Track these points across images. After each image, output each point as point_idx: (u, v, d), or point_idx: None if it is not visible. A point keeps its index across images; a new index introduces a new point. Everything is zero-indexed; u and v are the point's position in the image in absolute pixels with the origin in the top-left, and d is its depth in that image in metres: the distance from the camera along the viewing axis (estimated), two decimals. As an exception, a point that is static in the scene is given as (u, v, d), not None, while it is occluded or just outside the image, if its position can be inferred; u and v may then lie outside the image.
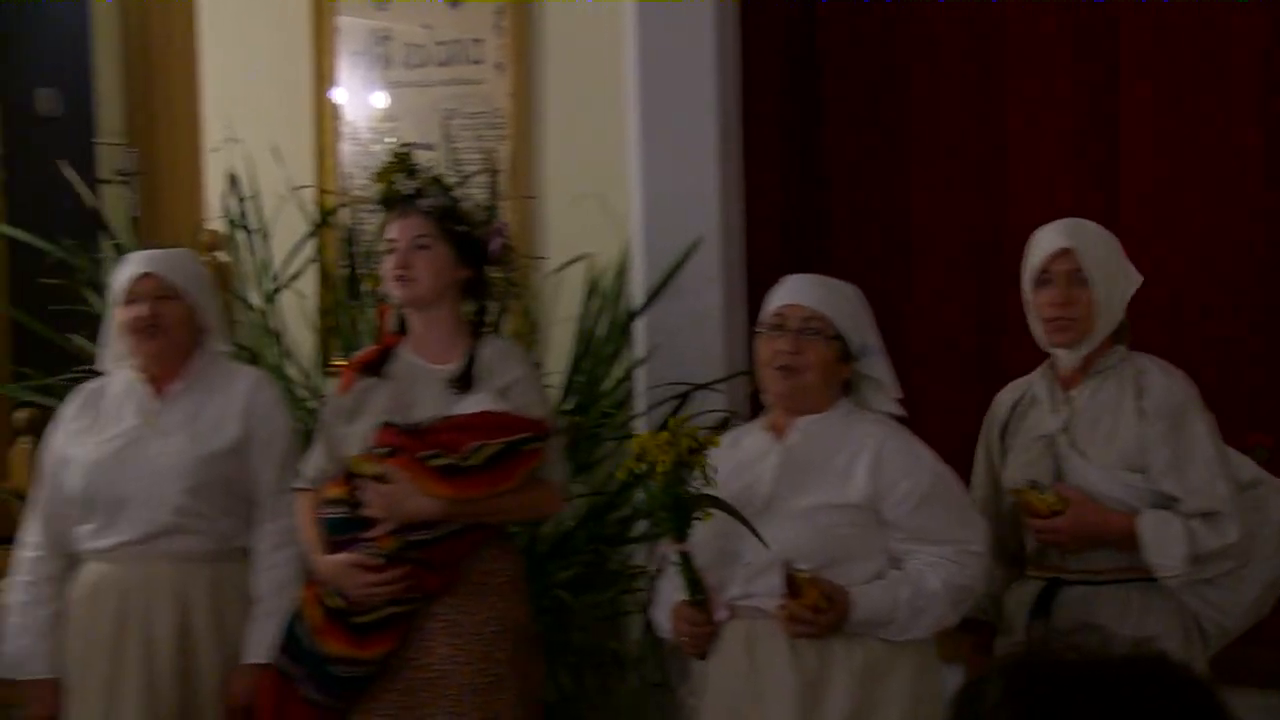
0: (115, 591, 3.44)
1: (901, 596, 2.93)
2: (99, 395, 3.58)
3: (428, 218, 3.33)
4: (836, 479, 3.00)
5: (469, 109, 4.68)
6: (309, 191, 4.77)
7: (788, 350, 3.04)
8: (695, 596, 2.92)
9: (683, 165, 4.21)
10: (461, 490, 3.19)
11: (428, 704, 3.21)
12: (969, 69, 4.33)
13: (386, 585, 3.19)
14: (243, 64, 4.91)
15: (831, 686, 2.93)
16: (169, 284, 3.49)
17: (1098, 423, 3.15)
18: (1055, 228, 3.21)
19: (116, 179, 5.72)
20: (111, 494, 3.45)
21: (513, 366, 3.33)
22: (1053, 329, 3.16)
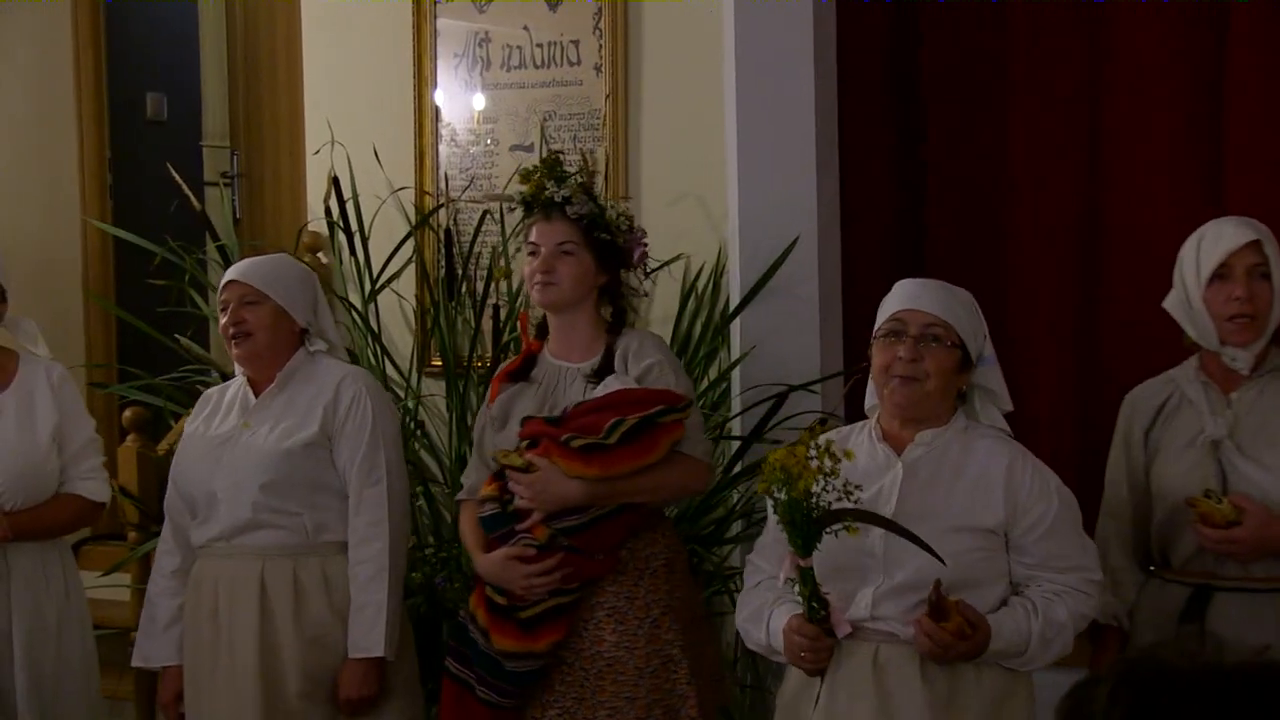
0: (207, 586, 3.57)
1: (1034, 629, 2.84)
2: (215, 399, 3.71)
3: (574, 224, 3.37)
4: (966, 500, 2.90)
5: (567, 110, 4.69)
6: (408, 193, 4.82)
7: (908, 358, 2.93)
8: (817, 614, 2.83)
9: (780, 166, 4.19)
10: (605, 468, 3.20)
11: (601, 691, 3.25)
12: (1070, 65, 4.27)
13: (545, 575, 3.22)
14: (344, 67, 4.96)
15: (966, 715, 2.86)
16: (252, 289, 3.57)
17: (1265, 427, 3.05)
18: (1232, 223, 3.10)
19: (220, 181, 5.80)
20: (204, 491, 3.57)
21: (650, 351, 3.36)
22: (1234, 326, 3.05)
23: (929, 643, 2.79)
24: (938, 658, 2.81)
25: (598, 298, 3.44)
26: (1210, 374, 3.14)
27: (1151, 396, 3.22)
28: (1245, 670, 1.29)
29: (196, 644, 3.59)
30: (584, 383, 3.35)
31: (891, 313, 3.01)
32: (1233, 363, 3.08)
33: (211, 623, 3.55)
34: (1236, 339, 3.06)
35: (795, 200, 4.19)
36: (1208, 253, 3.07)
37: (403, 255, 4.66)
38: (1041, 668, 2.90)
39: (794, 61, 4.19)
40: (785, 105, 4.20)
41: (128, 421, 4.62)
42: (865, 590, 2.88)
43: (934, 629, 2.78)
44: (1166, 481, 3.13)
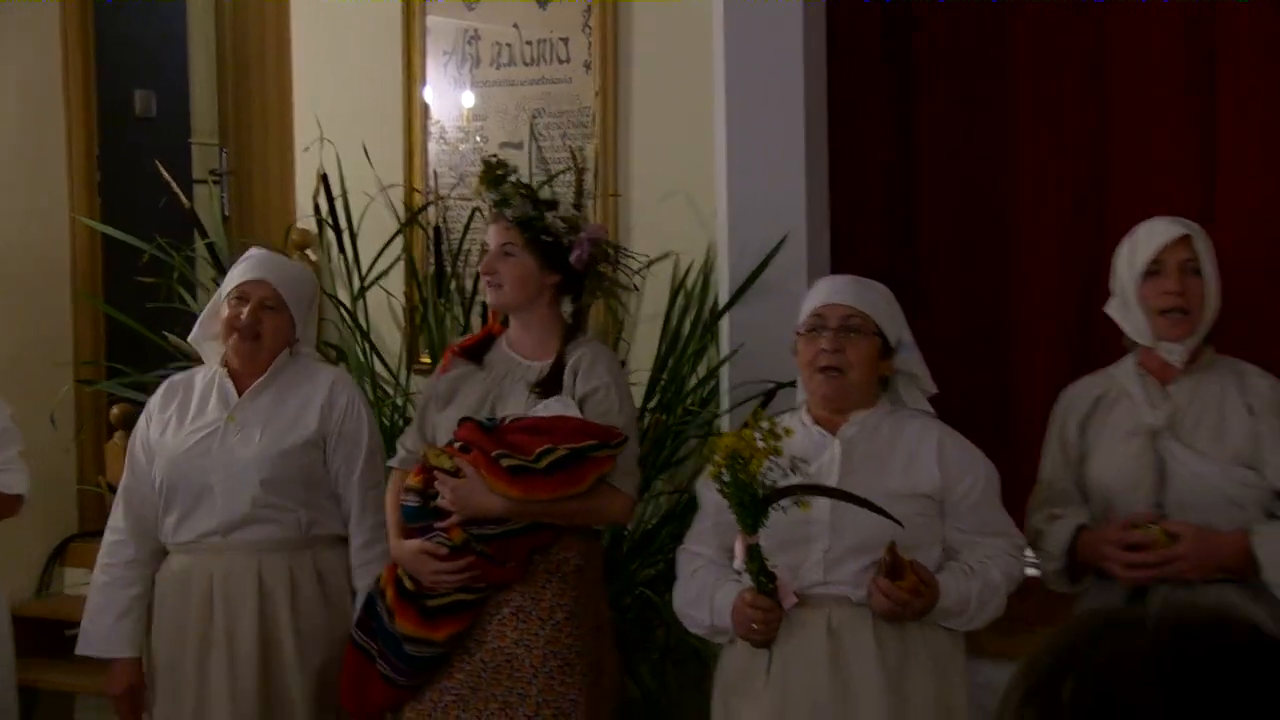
0: (200, 581, 3.56)
1: (974, 589, 3.00)
2: (184, 387, 3.70)
3: (514, 227, 3.41)
4: (903, 470, 3.06)
5: (556, 108, 4.70)
6: (397, 190, 4.82)
7: (830, 349, 3.09)
8: (765, 586, 2.94)
9: (769, 163, 4.19)
10: (528, 491, 3.25)
11: (494, 685, 3.31)
12: (1070, 62, 4.27)
13: (453, 574, 3.28)
14: (333, 64, 4.96)
15: (914, 673, 2.99)
16: (276, 295, 3.59)
17: (1202, 418, 3.11)
18: (1165, 220, 3.16)
19: (209, 178, 5.80)
20: (192, 485, 3.56)
21: (598, 373, 3.38)
22: (1168, 321, 3.11)
23: (887, 602, 2.92)
24: (895, 616, 2.94)
25: (555, 296, 3.45)
26: (1148, 367, 3.19)
27: (1087, 391, 3.28)
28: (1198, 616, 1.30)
29: (180, 640, 3.58)
30: (527, 390, 3.38)
31: (812, 309, 3.16)
32: (1168, 355, 3.14)
33: (202, 618, 3.55)
34: (1170, 333, 3.12)
35: (784, 198, 4.19)
36: (1141, 249, 3.14)
37: (391, 252, 4.66)
38: (979, 627, 3.06)
39: (784, 59, 4.19)
40: (775, 103, 4.20)
41: (115, 419, 4.61)
42: (814, 556, 2.99)
43: (891, 588, 2.91)
44: (1104, 473, 3.18)
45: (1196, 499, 3.07)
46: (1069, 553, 3.17)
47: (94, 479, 5.29)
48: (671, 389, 4.30)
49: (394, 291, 4.79)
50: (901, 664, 2.98)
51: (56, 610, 5.31)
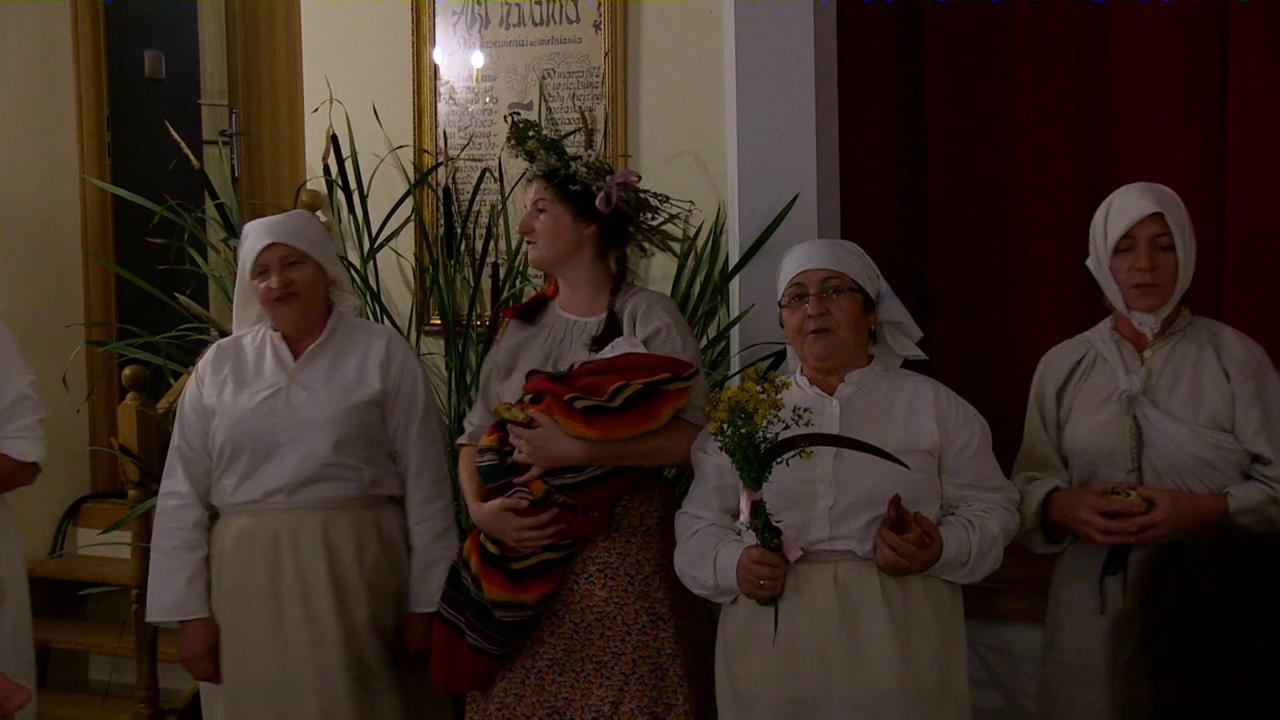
0: (266, 539, 3.55)
1: (974, 541, 3.04)
2: (235, 351, 3.67)
3: (543, 182, 3.39)
4: (902, 426, 3.09)
5: (566, 68, 4.68)
6: (407, 151, 4.81)
7: (816, 313, 3.12)
8: (770, 542, 2.97)
9: (779, 124, 4.17)
10: (606, 431, 3.21)
11: (589, 645, 3.29)
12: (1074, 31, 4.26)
13: (538, 530, 3.24)
14: (342, 25, 4.95)
15: (918, 625, 3.03)
16: (294, 250, 3.57)
17: (1178, 382, 3.13)
18: (1137, 193, 3.16)
19: (219, 139, 5.79)
20: (259, 444, 3.55)
21: (657, 314, 3.36)
22: (1137, 294, 3.13)
23: (893, 554, 2.97)
24: (900, 569, 2.99)
25: (598, 250, 3.42)
26: (1124, 333, 3.21)
27: (1065, 356, 3.30)
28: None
29: (244, 600, 3.56)
30: (588, 342, 3.37)
31: (789, 278, 3.19)
32: (1140, 325, 3.17)
33: (271, 576, 3.54)
34: (1139, 305, 3.15)
35: (795, 158, 4.17)
36: (1114, 223, 3.15)
37: (401, 214, 4.65)
38: (978, 580, 3.10)
39: (794, 19, 4.17)
40: (785, 63, 4.18)
41: (127, 380, 4.62)
42: (818, 512, 3.02)
43: (897, 540, 2.96)
44: (1082, 438, 3.20)
45: (1173, 463, 3.10)
46: (1041, 515, 3.20)
47: (106, 440, 5.31)
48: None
49: (404, 253, 4.79)
50: (907, 616, 3.02)
51: (70, 570, 5.35)
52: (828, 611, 3.01)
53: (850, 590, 3.01)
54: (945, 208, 4.41)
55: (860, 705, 3.00)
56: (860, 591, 3.01)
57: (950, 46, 4.39)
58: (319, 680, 3.53)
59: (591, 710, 3.27)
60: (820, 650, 3.01)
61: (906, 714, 3.01)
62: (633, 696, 3.26)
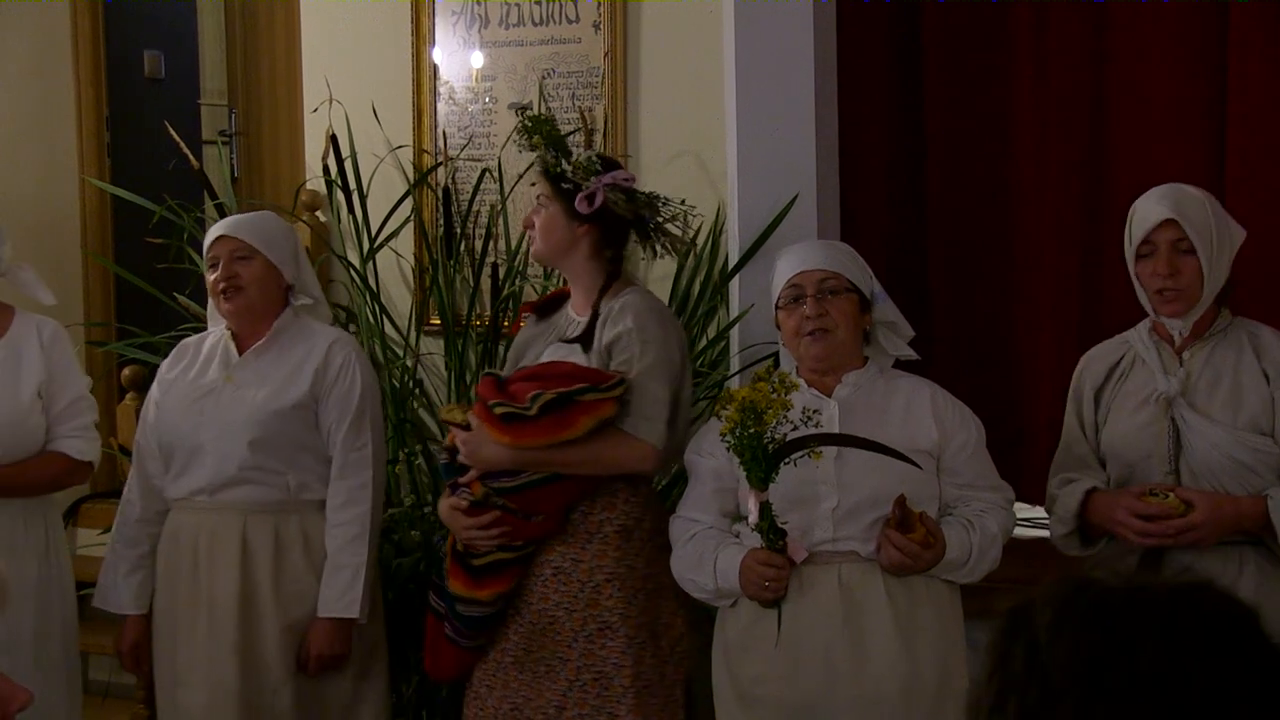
0: (188, 538, 3.61)
1: (974, 540, 3.05)
2: (194, 349, 3.74)
3: (543, 178, 3.41)
4: (900, 427, 3.10)
5: (565, 68, 4.68)
6: (406, 151, 4.81)
7: (815, 314, 3.13)
8: (775, 544, 2.97)
9: (779, 124, 4.17)
10: (518, 438, 3.23)
11: (541, 647, 3.32)
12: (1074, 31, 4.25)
13: (482, 530, 3.27)
14: (342, 24, 4.94)
15: (922, 625, 3.03)
16: (243, 244, 3.59)
17: (1217, 384, 3.11)
18: (1155, 198, 3.14)
19: (218, 139, 5.79)
20: (186, 443, 3.60)
21: (622, 320, 3.32)
22: (1160, 300, 3.12)
23: (898, 554, 2.97)
24: (905, 568, 2.99)
25: (595, 248, 3.40)
26: (1162, 334, 3.20)
27: (1104, 357, 3.29)
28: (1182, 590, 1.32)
29: (172, 596, 3.64)
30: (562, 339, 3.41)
31: (786, 280, 3.21)
32: (1170, 329, 3.16)
33: (190, 575, 3.60)
34: (1165, 311, 3.14)
35: (794, 158, 4.16)
36: (1135, 230, 3.15)
37: (401, 214, 4.65)
38: (977, 579, 3.10)
39: (793, 19, 4.16)
40: (784, 63, 4.17)
41: (126, 380, 4.62)
42: (824, 514, 3.03)
43: (902, 540, 2.96)
44: (1120, 439, 3.19)
45: (1211, 466, 3.07)
46: (1080, 516, 3.17)
47: (105, 440, 5.30)
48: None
49: (404, 253, 4.78)
50: (911, 616, 3.02)
51: (69, 571, 5.34)
52: (831, 613, 3.01)
53: (854, 591, 3.02)
54: (945, 208, 4.41)
55: (864, 706, 3.01)
56: (864, 592, 3.02)
57: (950, 46, 4.38)
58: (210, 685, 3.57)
59: (541, 711, 3.31)
60: (824, 651, 3.01)
61: (910, 714, 3.01)
62: (575, 703, 3.29)
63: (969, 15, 4.34)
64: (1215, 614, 1.29)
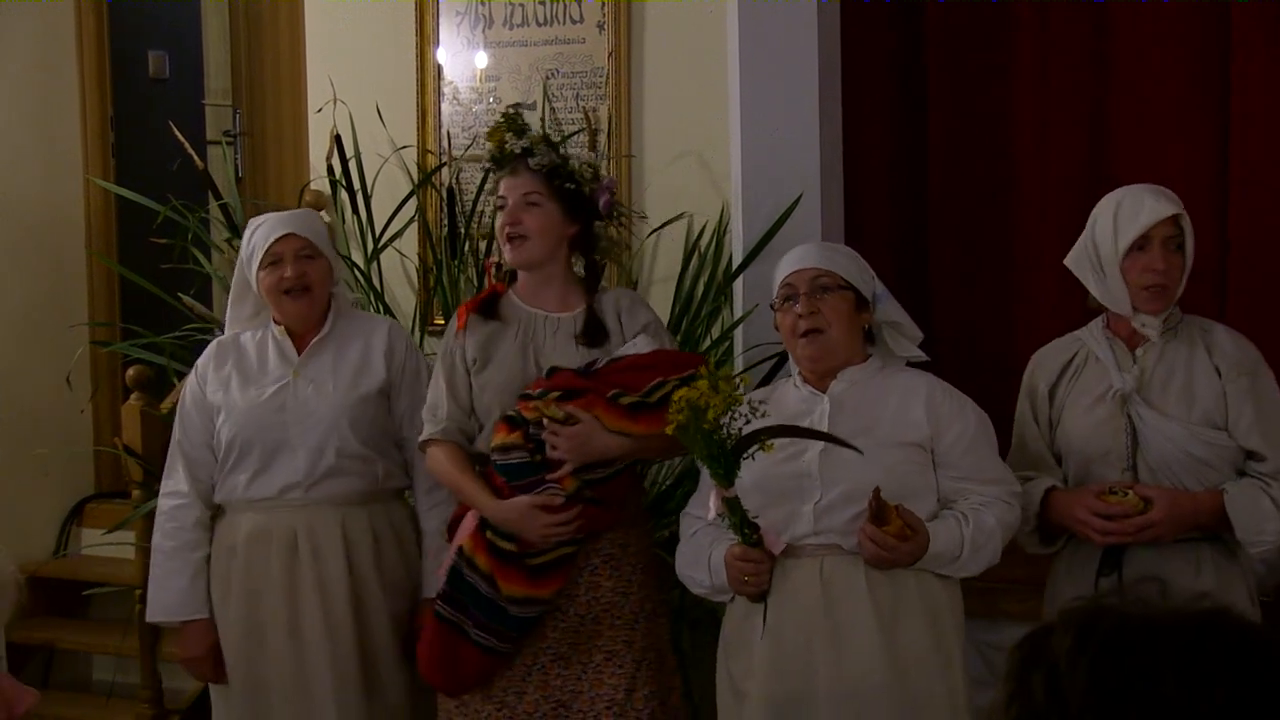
0: (281, 538, 3.54)
1: (967, 534, 3.01)
2: (236, 348, 3.66)
3: (538, 176, 3.37)
4: (892, 420, 3.08)
5: (569, 68, 4.68)
6: (410, 151, 4.81)
7: (806, 312, 3.12)
8: (750, 538, 2.97)
9: (782, 124, 4.18)
10: (648, 426, 3.21)
11: (598, 635, 3.31)
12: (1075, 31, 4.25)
13: (566, 525, 3.24)
14: (346, 25, 4.95)
15: (907, 620, 3.01)
16: (309, 243, 3.56)
17: (1170, 380, 3.13)
18: (1151, 194, 3.14)
19: (223, 140, 5.79)
20: (268, 440, 3.54)
21: (642, 312, 3.41)
22: (1148, 295, 3.11)
23: (874, 547, 2.95)
24: (883, 561, 2.97)
25: (569, 250, 3.43)
26: (1116, 332, 3.21)
27: (1056, 355, 3.29)
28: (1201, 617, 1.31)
29: (259, 599, 3.55)
30: (573, 341, 3.37)
31: (781, 280, 3.19)
32: (1143, 328, 3.15)
33: (287, 575, 3.53)
34: (1149, 307, 3.13)
35: (798, 158, 4.17)
36: (1127, 222, 3.12)
37: (405, 214, 4.65)
38: (975, 573, 3.06)
39: (797, 20, 4.17)
40: (788, 63, 4.18)
41: (131, 380, 4.62)
42: (805, 508, 3.02)
43: (877, 533, 2.93)
44: (1076, 436, 3.19)
45: (1168, 461, 3.09)
46: (1039, 515, 3.18)
47: (110, 440, 5.30)
48: (685, 350, 4.29)
49: (408, 253, 4.79)
50: (894, 610, 3.00)
51: (74, 571, 5.34)
52: (812, 606, 3.00)
53: (835, 585, 3.01)
54: (947, 207, 4.41)
55: (846, 700, 2.99)
56: (845, 586, 3.00)
57: (951, 47, 4.39)
58: (334, 681, 3.53)
59: (604, 699, 3.29)
60: (805, 644, 3.01)
61: (892, 708, 2.99)
62: (645, 682, 3.31)
63: (970, 15, 4.35)
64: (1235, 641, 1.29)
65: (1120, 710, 1.26)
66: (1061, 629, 1.32)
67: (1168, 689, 1.26)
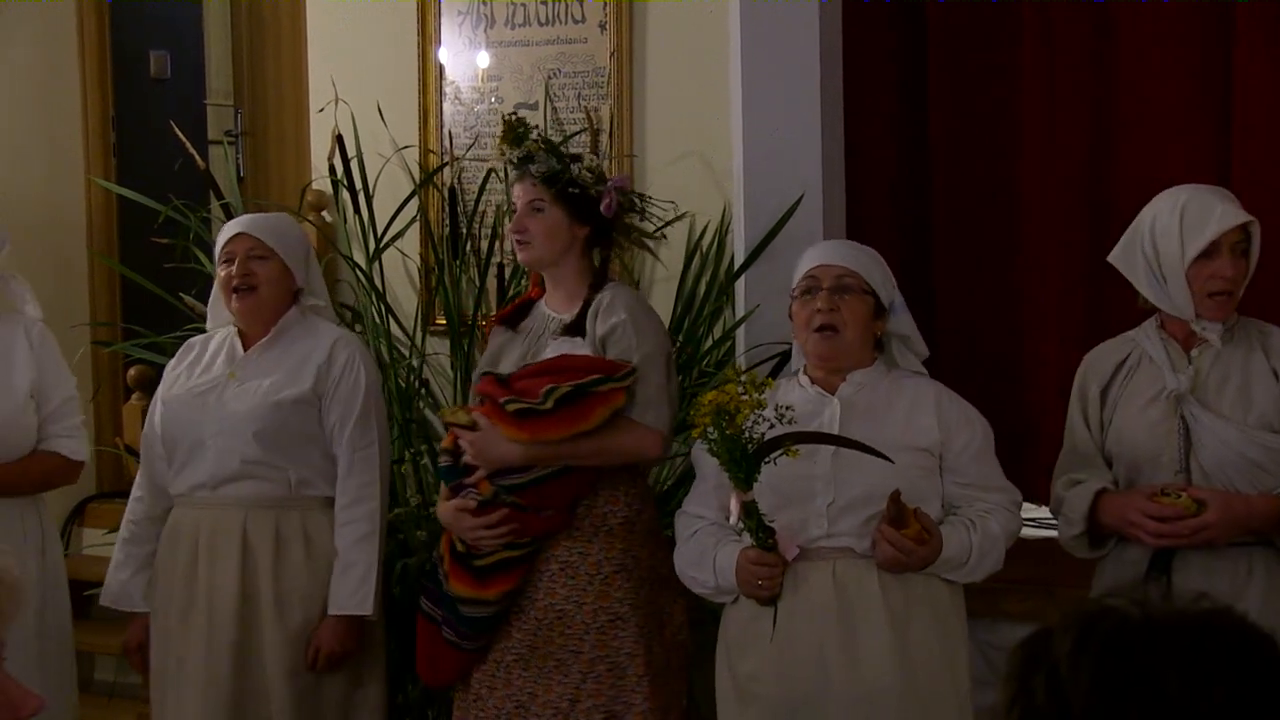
0: (188, 533, 3.62)
1: (974, 540, 3.03)
2: (200, 346, 3.76)
3: (540, 182, 3.40)
4: (902, 424, 3.09)
5: (571, 68, 4.68)
6: (412, 151, 4.81)
7: (825, 308, 3.11)
8: (765, 542, 2.97)
9: (784, 124, 4.17)
10: (535, 433, 3.25)
11: (550, 642, 3.33)
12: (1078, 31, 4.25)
13: (490, 529, 3.29)
14: (348, 24, 4.94)
15: (917, 624, 3.02)
16: (260, 244, 3.61)
17: (1226, 382, 3.09)
18: (1218, 197, 3.10)
19: (224, 139, 5.79)
20: (189, 438, 3.61)
21: (615, 310, 3.37)
22: (1215, 303, 3.07)
23: (892, 550, 2.96)
24: (899, 565, 2.98)
25: (584, 249, 3.46)
26: (1171, 333, 3.18)
27: (1109, 355, 3.26)
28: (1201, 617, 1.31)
29: (169, 590, 3.63)
30: (558, 331, 3.40)
31: (805, 271, 3.19)
32: (1207, 333, 3.11)
33: (188, 571, 3.60)
34: (1215, 315, 3.09)
35: (800, 158, 4.17)
36: (1195, 227, 3.06)
37: (407, 214, 4.65)
38: (979, 580, 3.09)
39: (799, 19, 4.17)
40: (790, 62, 4.18)
41: (132, 380, 4.63)
42: (818, 511, 3.03)
43: (896, 536, 2.95)
44: (1128, 439, 3.16)
45: (1222, 464, 3.06)
46: (1089, 518, 3.15)
47: (111, 440, 5.31)
48: (687, 351, 4.29)
49: (409, 253, 4.79)
50: (905, 614, 3.01)
51: (76, 571, 5.31)
52: (825, 609, 3.01)
53: (848, 587, 3.01)
54: (949, 207, 4.40)
55: (858, 703, 3.00)
56: (858, 588, 3.01)
57: (953, 47, 4.38)
58: (205, 680, 3.56)
59: (550, 706, 3.31)
60: (818, 648, 3.01)
61: (904, 712, 3.00)
62: (589, 695, 3.30)
63: (972, 15, 4.34)
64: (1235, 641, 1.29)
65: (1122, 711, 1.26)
66: (1062, 630, 1.32)
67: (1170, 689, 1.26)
